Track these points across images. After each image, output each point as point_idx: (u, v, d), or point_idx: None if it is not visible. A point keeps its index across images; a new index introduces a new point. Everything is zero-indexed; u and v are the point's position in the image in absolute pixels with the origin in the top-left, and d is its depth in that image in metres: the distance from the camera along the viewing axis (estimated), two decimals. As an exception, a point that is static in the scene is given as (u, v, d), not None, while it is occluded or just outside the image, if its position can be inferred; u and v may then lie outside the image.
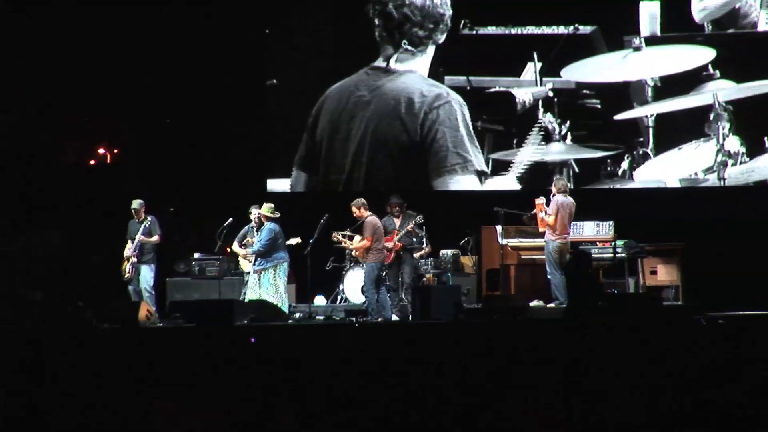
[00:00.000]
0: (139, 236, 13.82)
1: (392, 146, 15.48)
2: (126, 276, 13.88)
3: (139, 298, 13.73)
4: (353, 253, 14.01)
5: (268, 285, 13.48)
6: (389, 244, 13.84)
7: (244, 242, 13.90)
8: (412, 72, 15.40)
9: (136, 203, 13.96)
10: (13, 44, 15.25)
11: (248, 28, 15.81)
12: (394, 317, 13.54)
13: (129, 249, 13.91)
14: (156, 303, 13.84)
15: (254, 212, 13.84)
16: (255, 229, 13.88)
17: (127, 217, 14.59)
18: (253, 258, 13.63)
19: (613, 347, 8.42)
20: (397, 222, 14.12)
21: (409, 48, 15.34)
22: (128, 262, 13.87)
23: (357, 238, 13.72)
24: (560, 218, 13.28)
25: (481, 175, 15.33)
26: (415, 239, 14.26)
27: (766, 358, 7.69)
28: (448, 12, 15.41)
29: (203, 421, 6.15)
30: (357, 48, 15.62)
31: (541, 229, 13.55)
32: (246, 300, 13.52)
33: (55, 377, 7.20)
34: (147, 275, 13.90)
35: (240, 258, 14.11)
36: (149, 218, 13.94)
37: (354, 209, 13.45)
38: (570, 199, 13.48)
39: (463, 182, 15.28)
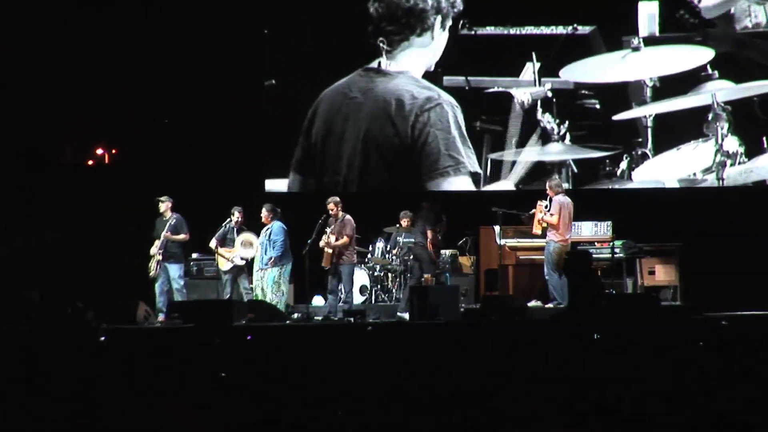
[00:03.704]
0: (164, 233, 13.80)
1: (384, 148, 15.45)
2: (152, 274, 13.84)
3: (165, 297, 13.75)
4: (327, 250, 13.61)
5: (271, 283, 13.54)
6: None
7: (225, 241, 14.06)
8: (403, 73, 15.36)
9: (162, 199, 13.92)
10: (13, 44, 15.25)
11: (247, 28, 15.81)
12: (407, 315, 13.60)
13: (155, 247, 13.88)
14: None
15: (236, 214, 13.94)
16: (236, 229, 13.97)
17: (126, 217, 14.64)
18: (237, 257, 13.77)
19: (612, 347, 8.43)
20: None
21: (386, 47, 15.31)
22: (154, 260, 13.84)
23: (331, 237, 13.64)
24: (563, 218, 13.30)
25: (475, 177, 15.30)
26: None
27: (765, 359, 7.70)
28: (424, 5, 15.29)
29: (201, 421, 6.15)
30: (356, 48, 15.62)
31: (534, 230, 13.57)
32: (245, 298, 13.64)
33: (54, 379, 7.20)
34: (175, 273, 13.85)
35: (218, 257, 14.14)
36: (175, 216, 13.91)
37: (333, 206, 13.53)
38: (568, 198, 13.54)
39: (455, 184, 15.24)
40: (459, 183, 15.25)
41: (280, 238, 13.55)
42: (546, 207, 13.44)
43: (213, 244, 14.03)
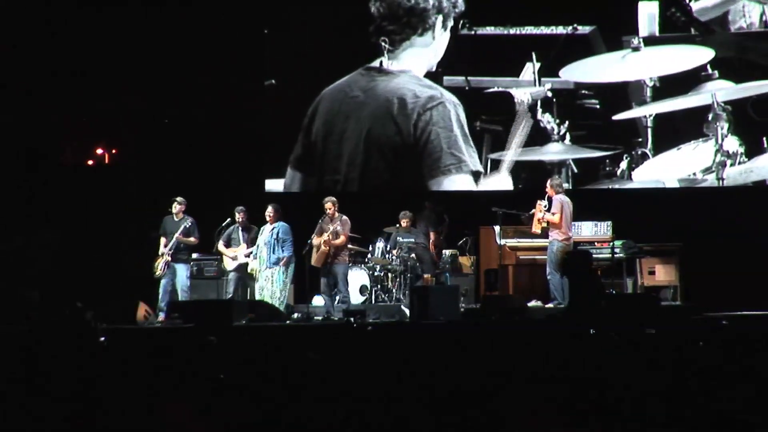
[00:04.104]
0: (177, 235, 13.77)
1: (386, 147, 15.44)
2: (157, 273, 13.81)
3: (170, 298, 13.73)
4: (323, 247, 13.65)
5: (281, 282, 13.53)
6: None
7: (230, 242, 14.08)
8: (405, 72, 15.36)
9: (177, 200, 13.91)
10: (13, 44, 15.26)
11: (247, 28, 15.81)
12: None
13: (164, 246, 13.85)
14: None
15: (237, 214, 13.95)
16: (241, 229, 13.98)
17: (125, 217, 14.64)
18: (241, 255, 13.76)
19: (612, 347, 8.43)
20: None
21: (388, 47, 15.30)
22: (162, 259, 13.82)
23: (326, 235, 13.65)
24: (564, 217, 13.31)
25: (477, 175, 15.29)
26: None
27: (765, 359, 7.70)
28: (425, 5, 15.31)
29: (201, 421, 6.15)
30: (357, 48, 15.62)
31: (534, 230, 13.57)
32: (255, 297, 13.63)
33: (54, 379, 7.20)
34: (183, 274, 13.86)
35: (224, 257, 14.15)
36: (189, 220, 13.88)
37: (330, 206, 13.56)
38: (569, 198, 13.55)
39: (457, 182, 15.23)
40: (461, 181, 15.25)
41: (290, 238, 13.59)
42: (545, 206, 13.44)
43: (220, 246, 14.02)
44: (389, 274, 15.05)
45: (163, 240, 13.89)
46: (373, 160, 15.51)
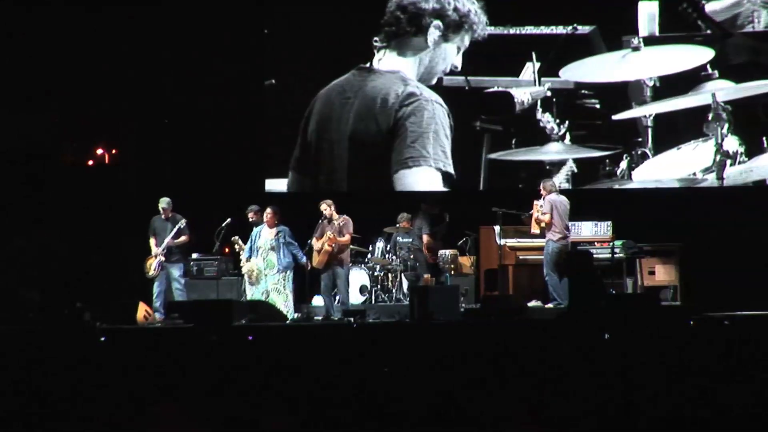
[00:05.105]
0: (168, 239, 13.73)
1: (370, 146, 15.37)
2: (150, 273, 13.76)
3: (163, 297, 13.69)
4: (326, 247, 13.49)
5: (291, 285, 13.49)
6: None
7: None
8: (394, 72, 15.30)
9: (164, 202, 13.79)
10: (13, 44, 15.26)
11: (247, 28, 15.81)
12: None
13: (156, 247, 13.78)
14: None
15: (253, 215, 13.88)
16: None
17: (126, 217, 14.63)
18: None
19: (611, 347, 8.44)
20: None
21: (379, 44, 15.28)
22: (155, 259, 13.79)
23: (328, 235, 13.60)
24: (556, 216, 13.30)
25: (446, 176, 15.11)
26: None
27: (765, 358, 7.71)
28: (422, 5, 15.29)
29: (201, 421, 6.16)
30: (356, 49, 15.60)
31: (532, 230, 13.59)
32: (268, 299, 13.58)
33: (53, 378, 7.21)
34: (176, 274, 13.80)
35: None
36: (183, 221, 13.81)
37: (326, 207, 13.52)
38: (562, 197, 13.54)
39: (420, 177, 14.98)
40: (423, 176, 15.03)
41: (293, 241, 13.53)
42: (541, 206, 13.46)
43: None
44: (389, 274, 15.05)
45: (152, 240, 13.82)
46: (359, 160, 15.46)
